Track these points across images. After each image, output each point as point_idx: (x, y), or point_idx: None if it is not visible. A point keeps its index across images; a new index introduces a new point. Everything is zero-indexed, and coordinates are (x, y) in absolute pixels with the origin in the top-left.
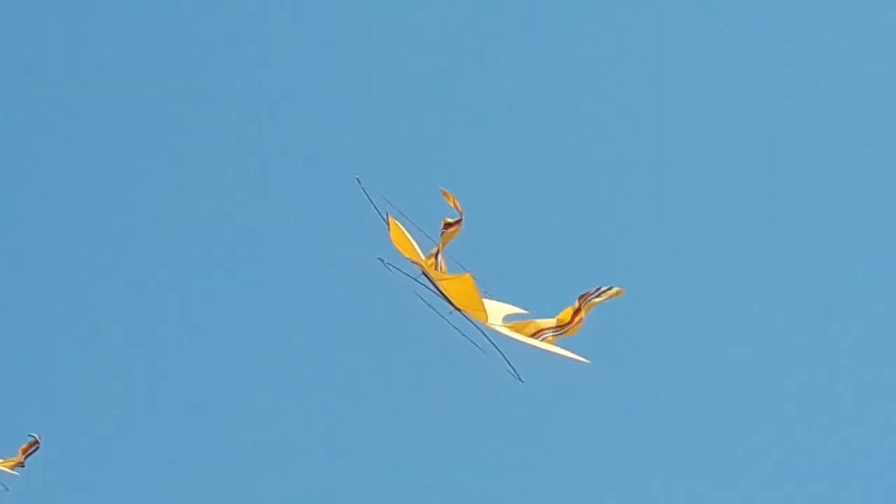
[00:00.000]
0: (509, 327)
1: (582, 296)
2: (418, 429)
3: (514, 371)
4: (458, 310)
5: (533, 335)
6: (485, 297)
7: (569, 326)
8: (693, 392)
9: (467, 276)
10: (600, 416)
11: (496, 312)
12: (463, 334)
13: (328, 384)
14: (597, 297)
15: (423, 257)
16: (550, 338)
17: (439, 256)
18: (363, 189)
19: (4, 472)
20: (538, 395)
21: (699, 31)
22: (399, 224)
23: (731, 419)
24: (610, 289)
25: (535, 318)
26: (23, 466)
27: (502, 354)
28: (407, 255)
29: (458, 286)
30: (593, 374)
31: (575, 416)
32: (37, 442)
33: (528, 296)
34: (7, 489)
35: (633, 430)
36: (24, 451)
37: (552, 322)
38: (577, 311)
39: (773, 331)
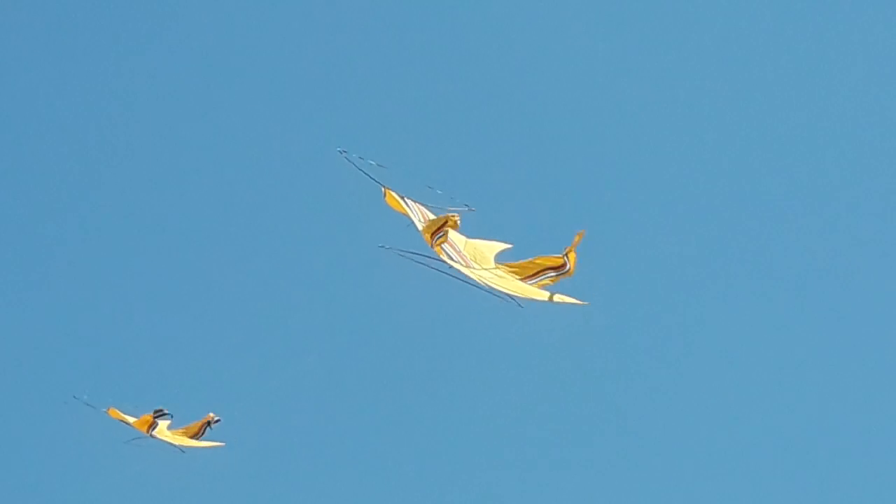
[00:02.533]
0: (506, 283)
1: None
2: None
3: (516, 301)
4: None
5: (529, 277)
6: (471, 239)
7: (565, 269)
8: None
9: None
10: (596, 350)
11: (485, 253)
12: (467, 282)
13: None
14: (570, 249)
15: (422, 226)
16: (552, 278)
17: (448, 238)
18: (348, 159)
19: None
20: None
21: None
22: (394, 194)
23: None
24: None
25: (519, 256)
26: (202, 434)
27: (499, 296)
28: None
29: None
30: (590, 312)
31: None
32: (209, 422)
33: (515, 229)
34: (184, 451)
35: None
36: (202, 426)
37: (547, 261)
38: (564, 261)
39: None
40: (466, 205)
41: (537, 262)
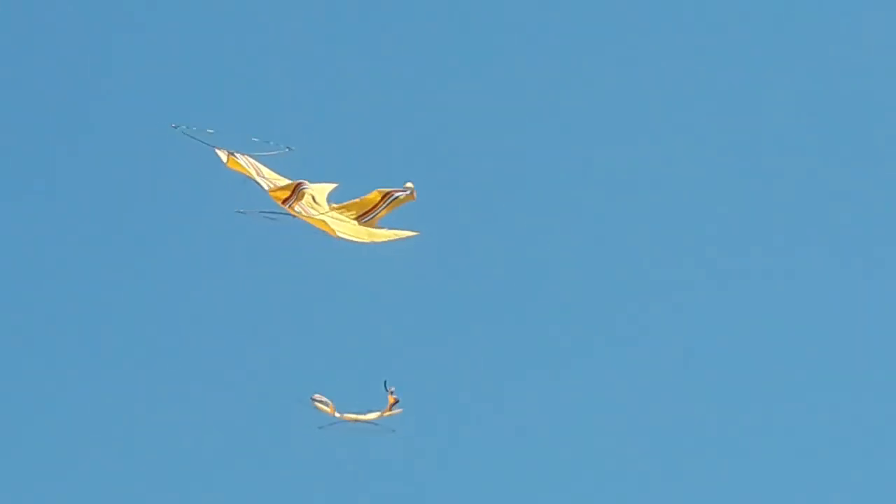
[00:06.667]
0: (347, 228)
1: (386, 193)
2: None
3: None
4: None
5: (362, 216)
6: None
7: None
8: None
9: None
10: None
11: (318, 196)
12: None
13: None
14: (396, 197)
15: (267, 186)
16: (391, 205)
17: (300, 196)
18: (185, 132)
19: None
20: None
21: None
22: (236, 159)
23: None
24: (405, 192)
25: (348, 193)
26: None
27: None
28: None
29: (315, 222)
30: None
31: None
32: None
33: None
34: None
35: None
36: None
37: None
38: (379, 203)
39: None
40: (287, 147)
41: (369, 198)
